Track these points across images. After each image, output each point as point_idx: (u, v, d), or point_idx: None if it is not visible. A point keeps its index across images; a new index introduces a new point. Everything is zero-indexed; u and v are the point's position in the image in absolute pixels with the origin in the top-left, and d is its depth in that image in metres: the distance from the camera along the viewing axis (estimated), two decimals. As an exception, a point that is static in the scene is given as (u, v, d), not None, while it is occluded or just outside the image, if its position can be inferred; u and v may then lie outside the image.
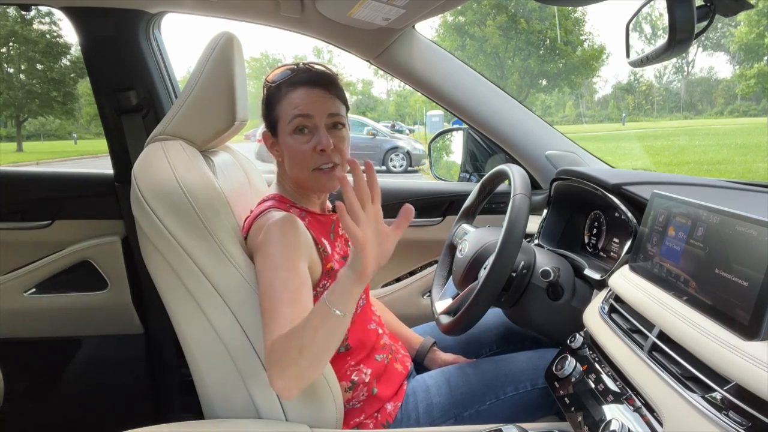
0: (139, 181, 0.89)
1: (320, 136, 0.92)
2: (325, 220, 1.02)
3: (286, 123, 0.93)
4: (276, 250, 0.86)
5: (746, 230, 0.62)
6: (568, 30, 30.21)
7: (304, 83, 0.94)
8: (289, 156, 0.95)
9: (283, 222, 0.88)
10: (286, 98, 0.94)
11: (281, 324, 0.79)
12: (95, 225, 1.47)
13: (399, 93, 49.09)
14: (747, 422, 0.54)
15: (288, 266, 0.85)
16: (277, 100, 0.95)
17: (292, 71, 0.96)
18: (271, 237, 0.87)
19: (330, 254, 0.96)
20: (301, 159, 0.93)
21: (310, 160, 0.93)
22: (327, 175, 0.94)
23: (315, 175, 0.94)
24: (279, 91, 0.95)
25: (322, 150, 0.92)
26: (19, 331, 1.49)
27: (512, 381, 1.02)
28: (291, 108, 0.93)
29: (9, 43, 20.71)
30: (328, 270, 0.95)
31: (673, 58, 0.72)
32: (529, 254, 1.07)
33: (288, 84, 0.94)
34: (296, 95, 0.93)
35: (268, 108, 0.97)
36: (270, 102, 0.96)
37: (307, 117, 0.92)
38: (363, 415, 0.99)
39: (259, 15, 1.35)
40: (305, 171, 0.94)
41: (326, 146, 0.91)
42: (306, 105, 0.92)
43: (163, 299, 0.93)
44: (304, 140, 0.93)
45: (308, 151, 0.92)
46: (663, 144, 15.19)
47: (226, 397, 0.92)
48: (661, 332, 0.72)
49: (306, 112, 0.92)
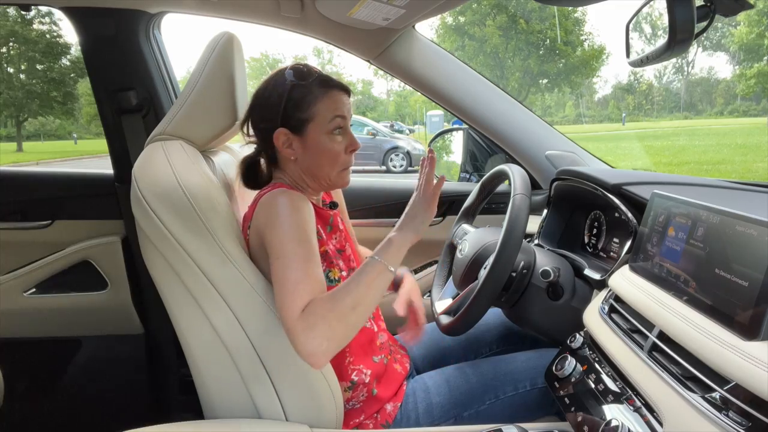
0: (139, 181, 0.89)
1: (352, 138, 0.99)
2: (323, 213, 1.03)
3: (324, 122, 0.95)
4: (294, 221, 0.86)
5: (746, 230, 0.62)
6: (568, 30, 30.22)
7: (337, 86, 0.97)
8: (319, 154, 0.96)
9: (292, 196, 0.89)
10: (326, 98, 0.95)
11: (313, 289, 0.81)
12: (95, 225, 1.47)
13: (399, 93, 49.10)
14: (747, 422, 0.54)
15: (306, 238, 0.86)
16: (312, 100, 0.94)
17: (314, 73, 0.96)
18: (284, 210, 0.87)
19: (325, 240, 0.98)
20: (335, 158, 0.97)
21: (343, 159, 0.99)
22: (348, 173, 1.02)
23: (340, 174, 1.00)
24: (311, 91, 0.95)
25: (353, 150, 0.99)
26: (19, 331, 1.49)
27: (511, 381, 1.02)
28: (332, 108, 0.95)
29: (9, 43, 20.71)
30: (323, 253, 0.96)
31: (673, 58, 0.72)
32: (529, 254, 1.07)
33: (321, 84, 0.96)
34: (333, 97, 0.96)
35: (297, 107, 0.94)
36: (300, 100, 0.94)
37: (345, 119, 0.97)
38: (363, 415, 0.99)
39: (259, 15, 1.35)
40: (335, 169, 0.99)
41: (358, 147, 1.00)
42: (345, 107, 0.97)
43: (163, 299, 0.93)
44: (340, 140, 0.97)
45: (341, 151, 0.98)
46: (663, 144, 15.19)
47: (226, 397, 0.92)
48: (661, 332, 0.72)
49: (344, 114, 0.97)
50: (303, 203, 0.89)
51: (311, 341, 0.76)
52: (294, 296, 0.79)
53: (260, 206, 0.92)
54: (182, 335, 0.92)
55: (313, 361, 0.78)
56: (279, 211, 0.87)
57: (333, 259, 0.98)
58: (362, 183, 1.65)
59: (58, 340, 1.52)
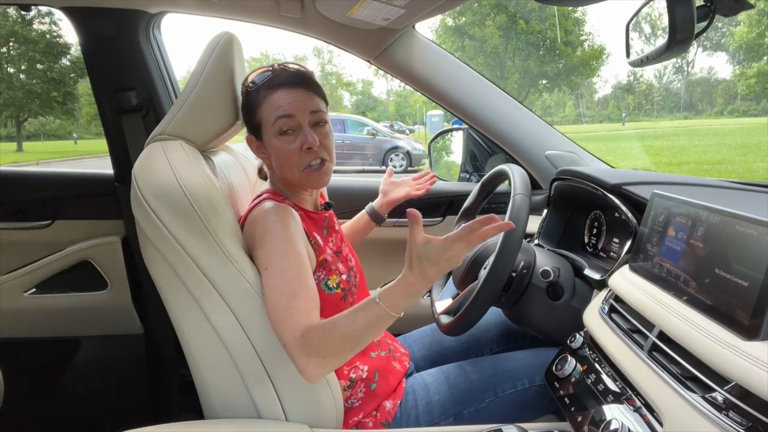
0: (139, 181, 0.89)
1: (305, 135, 0.93)
2: (317, 217, 1.03)
3: (269, 125, 0.93)
4: (281, 238, 0.88)
5: (746, 230, 0.62)
6: (568, 30, 30.20)
7: (283, 84, 0.93)
8: (276, 157, 0.95)
9: (280, 210, 0.91)
10: (267, 101, 0.93)
11: (306, 308, 0.83)
12: (95, 225, 1.47)
13: (399, 93, 49.06)
14: (747, 422, 0.54)
15: (295, 252, 0.87)
16: (258, 104, 0.94)
17: (271, 72, 0.96)
18: (272, 225, 0.89)
19: (322, 247, 0.98)
20: (290, 159, 0.94)
21: (299, 159, 0.94)
22: (318, 172, 0.95)
23: (306, 174, 0.95)
24: (258, 94, 0.94)
25: (309, 148, 0.93)
26: (19, 331, 1.49)
27: (510, 378, 1.03)
28: (273, 110, 0.93)
29: (9, 43, 20.71)
30: (321, 261, 0.96)
31: (673, 58, 0.72)
32: (529, 254, 1.07)
33: (267, 86, 0.94)
34: (277, 97, 0.93)
35: (250, 112, 0.96)
36: (250, 106, 0.96)
37: (290, 117, 0.92)
38: (362, 413, 0.99)
39: (259, 15, 1.35)
40: (295, 171, 0.95)
41: (312, 144, 0.92)
42: (287, 105, 0.92)
43: (163, 299, 0.92)
44: (290, 140, 0.93)
45: (295, 151, 0.93)
46: (663, 144, 15.19)
47: (226, 397, 0.92)
48: (661, 332, 0.72)
49: (288, 113, 0.92)
50: (289, 217, 0.90)
51: (305, 365, 0.81)
52: (290, 313, 0.82)
53: (249, 221, 0.94)
54: (182, 335, 0.92)
55: (307, 378, 0.83)
56: (268, 227, 0.89)
57: (332, 265, 0.99)
58: (361, 183, 1.65)
59: (58, 340, 1.52)
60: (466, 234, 0.74)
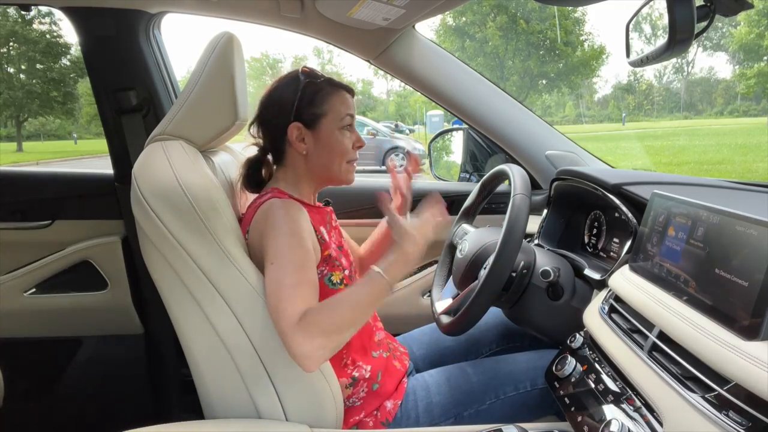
0: (140, 181, 0.89)
1: (358, 134, 1.07)
2: (320, 211, 1.06)
3: (337, 118, 1.02)
4: (289, 229, 0.90)
5: (746, 230, 0.62)
6: (568, 30, 30.21)
7: (343, 87, 1.05)
8: (330, 147, 1.02)
9: (288, 205, 0.94)
10: (338, 96, 1.02)
11: (307, 297, 0.84)
12: (95, 225, 1.47)
13: (399, 93, 49.08)
14: (747, 422, 0.54)
15: (301, 245, 0.89)
16: (326, 97, 1.01)
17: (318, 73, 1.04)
18: (280, 219, 0.91)
19: (327, 242, 1.00)
20: (344, 151, 1.03)
21: (350, 153, 1.05)
22: (353, 167, 1.07)
23: (348, 167, 1.05)
24: (324, 89, 1.02)
25: (360, 146, 1.06)
26: (19, 331, 1.49)
27: (512, 381, 1.02)
28: (344, 106, 1.03)
29: (9, 43, 20.71)
30: (326, 257, 0.98)
31: (673, 58, 0.72)
32: (529, 254, 1.07)
33: (332, 84, 1.03)
34: (345, 96, 1.04)
35: (312, 102, 1.01)
36: (314, 97, 1.01)
37: (353, 117, 1.05)
38: (363, 413, 0.99)
39: (259, 15, 1.35)
40: (342, 162, 1.04)
41: (363, 144, 1.07)
42: (352, 106, 1.05)
43: (163, 299, 0.93)
44: (349, 135, 1.04)
45: (350, 146, 1.04)
46: (663, 144, 15.19)
47: (226, 397, 0.92)
48: (661, 332, 0.72)
49: (353, 113, 1.05)
50: (299, 212, 0.94)
51: (308, 347, 0.80)
52: (291, 301, 0.83)
53: (258, 217, 0.95)
54: (182, 335, 0.92)
55: (307, 365, 0.81)
56: (276, 221, 0.91)
57: (336, 260, 1.00)
58: (360, 183, 1.65)
59: (58, 340, 1.52)
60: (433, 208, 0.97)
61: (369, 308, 0.90)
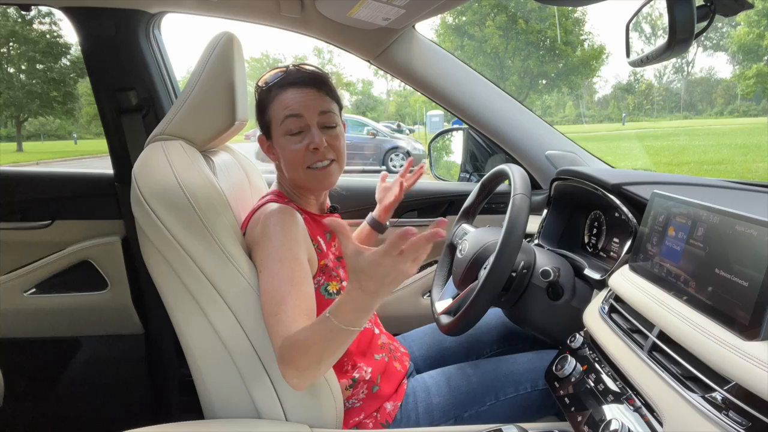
0: (139, 181, 0.89)
1: (312, 135, 0.92)
2: (321, 221, 1.03)
3: (278, 124, 0.94)
4: (278, 242, 0.87)
5: (746, 230, 0.62)
6: (567, 30, 30.21)
7: (294, 83, 0.94)
8: (283, 156, 0.96)
9: (282, 213, 0.90)
10: (277, 99, 0.94)
11: (291, 316, 0.80)
12: (95, 225, 1.47)
13: (399, 93, 49.08)
14: (747, 422, 0.54)
15: (291, 257, 0.86)
16: (268, 103, 0.96)
17: (283, 73, 0.97)
18: (272, 228, 0.88)
19: (324, 252, 0.98)
20: (295, 158, 0.94)
21: (303, 158, 0.94)
22: (322, 172, 0.96)
23: (309, 174, 0.95)
24: (269, 94, 0.96)
25: (315, 149, 0.92)
26: (19, 331, 1.49)
27: (512, 382, 1.02)
28: (282, 109, 0.93)
29: (9, 43, 20.70)
30: (322, 267, 0.96)
31: (673, 58, 0.72)
32: (529, 254, 1.07)
33: (278, 86, 0.95)
34: (286, 96, 0.93)
35: (261, 111, 0.98)
36: (262, 105, 0.97)
37: (298, 117, 0.93)
38: (363, 414, 0.99)
39: (259, 15, 1.35)
40: (299, 170, 0.95)
41: (318, 145, 0.92)
42: (296, 105, 0.93)
43: (163, 299, 0.93)
44: (297, 140, 0.93)
45: (301, 151, 0.93)
46: (663, 144, 15.19)
47: (226, 397, 0.92)
48: (661, 332, 0.72)
49: (296, 112, 0.92)
50: (292, 220, 0.89)
51: (285, 375, 0.80)
52: (276, 319, 0.81)
53: (254, 218, 0.94)
54: (182, 335, 0.92)
55: (294, 388, 0.82)
56: (268, 229, 0.88)
57: (333, 271, 0.98)
58: (360, 183, 1.65)
59: (58, 340, 1.52)
60: (391, 248, 0.64)
61: (330, 349, 0.76)
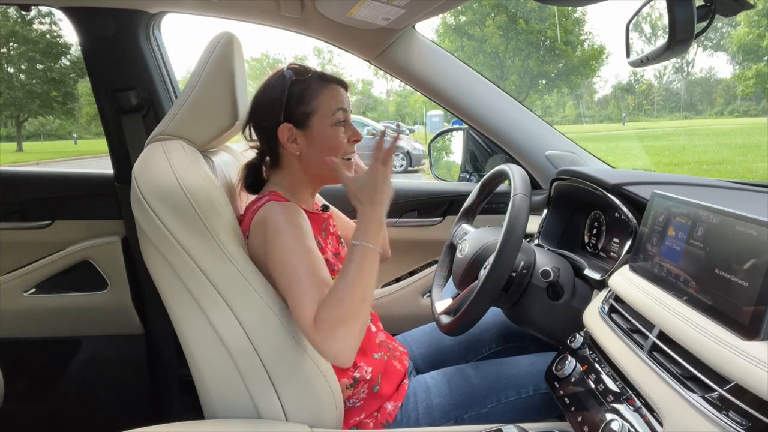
0: (139, 181, 0.88)
1: (354, 129, 1.02)
2: (317, 218, 1.04)
3: (328, 114, 0.98)
4: (290, 236, 0.88)
5: (746, 230, 0.62)
6: (567, 30, 30.22)
7: (333, 81, 1.00)
8: (323, 145, 0.98)
9: (287, 210, 0.91)
10: (326, 91, 0.98)
11: (315, 300, 0.82)
12: (95, 225, 1.47)
13: (399, 93, 49.11)
14: (747, 422, 0.54)
15: (306, 250, 0.87)
16: (313, 94, 0.98)
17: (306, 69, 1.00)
18: (281, 226, 0.89)
19: (323, 248, 0.99)
20: (338, 147, 0.99)
21: (345, 148, 1.00)
22: (351, 162, 1.03)
23: (343, 163, 1.01)
24: (311, 84, 0.98)
25: (356, 140, 1.02)
26: (19, 331, 1.49)
27: (514, 385, 1.02)
28: (335, 101, 0.98)
29: (9, 43, 20.71)
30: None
31: (673, 58, 0.72)
32: (529, 254, 1.07)
33: (320, 78, 0.99)
34: (334, 91, 0.99)
35: (301, 100, 0.97)
36: (302, 95, 0.97)
37: (345, 111, 1.00)
38: (363, 414, 0.99)
39: (259, 15, 1.35)
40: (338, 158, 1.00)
41: (360, 138, 1.02)
42: (344, 100, 1.00)
43: (163, 299, 0.92)
44: (342, 131, 1.00)
45: (344, 141, 1.00)
46: (663, 144, 15.19)
47: (226, 397, 0.92)
48: (661, 332, 0.72)
49: (345, 107, 1.00)
50: (297, 214, 0.91)
51: (335, 346, 0.79)
52: (303, 307, 0.82)
53: (257, 221, 0.93)
54: (182, 335, 0.92)
55: (342, 361, 0.81)
56: (277, 227, 0.89)
57: (334, 266, 0.99)
58: None
59: (58, 340, 1.52)
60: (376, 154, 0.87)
61: (367, 280, 0.84)
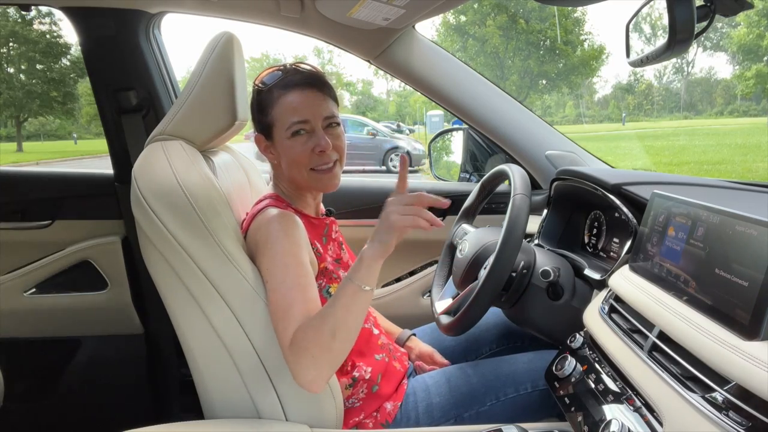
0: (139, 181, 0.89)
1: (319, 138, 0.93)
2: (318, 223, 1.04)
3: (283, 127, 0.94)
4: (282, 247, 0.87)
5: (746, 230, 0.62)
6: (568, 30, 30.23)
7: (297, 85, 0.94)
8: (287, 158, 0.96)
9: (284, 218, 0.90)
10: (281, 102, 0.94)
11: (298, 320, 0.81)
12: (95, 225, 1.47)
13: (399, 93, 49.13)
14: (747, 422, 0.54)
15: (296, 263, 0.87)
16: (271, 104, 0.95)
17: (283, 73, 0.96)
18: (275, 234, 0.88)
19: (323, 255, 0.98)
20: (300, 160, 0.94)
21: (309, 160, 0.94)
22: (326, 174, 0.96)
23: (314, 175, 0.96)
24: (271, 95, 0.95)
25: (321, 151, 0.94)
26: (19, 331, 1.49)
27: (513, 382, 1.02)
28: (287, 112, 0.93)
29: (9, 43, 20.71)
30: (322, 269, 0.96)
31: (673, 58, 0.72)
32: (529, 254, 1.07)
33: (281, 87, 0.94)
34: (291, 99, 0.93)
35: (261, 111, 0.97)
36: (263, 106, 0.96)
37: (305, 122, 0.93)
38: (362, 414, 0.99)
39: (259, 15, 1.35)
40: (303, 171, 0.95)
41: (325, 147, 0.93)
42: (303, 109, 0.93)
43: (163, 299, 0.92)
44: (302, 141, 0.94)
45: (307, 153, 0.94)
46: (663, 144, 15.19)
47: (226, 397, 0.92)
48: (661, 332, 0.72)
49: (304, 117, 0.93)
50: (292, 225, 0.90)
51: (301, 371, 0.80)
52: (284, 324, 0.82)
53: (254, 225, 0.93)
54: (182, 335, 0.92)
55: (309, 388, 0.81)
56: (270, 236, 0.88)
57: (333, 273, 0.98)
58: (359, 183, 1.65)
59: (58, 340, 1.52)
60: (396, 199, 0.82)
61: (348, 316, 0.81)
